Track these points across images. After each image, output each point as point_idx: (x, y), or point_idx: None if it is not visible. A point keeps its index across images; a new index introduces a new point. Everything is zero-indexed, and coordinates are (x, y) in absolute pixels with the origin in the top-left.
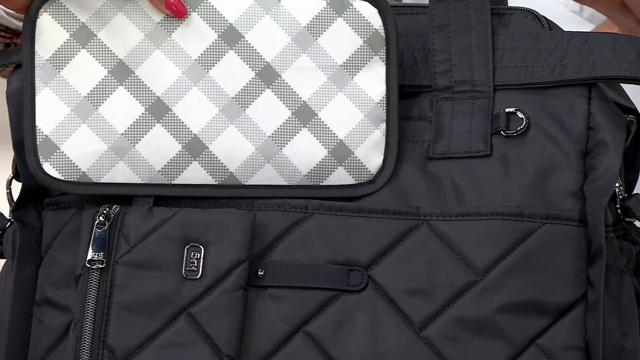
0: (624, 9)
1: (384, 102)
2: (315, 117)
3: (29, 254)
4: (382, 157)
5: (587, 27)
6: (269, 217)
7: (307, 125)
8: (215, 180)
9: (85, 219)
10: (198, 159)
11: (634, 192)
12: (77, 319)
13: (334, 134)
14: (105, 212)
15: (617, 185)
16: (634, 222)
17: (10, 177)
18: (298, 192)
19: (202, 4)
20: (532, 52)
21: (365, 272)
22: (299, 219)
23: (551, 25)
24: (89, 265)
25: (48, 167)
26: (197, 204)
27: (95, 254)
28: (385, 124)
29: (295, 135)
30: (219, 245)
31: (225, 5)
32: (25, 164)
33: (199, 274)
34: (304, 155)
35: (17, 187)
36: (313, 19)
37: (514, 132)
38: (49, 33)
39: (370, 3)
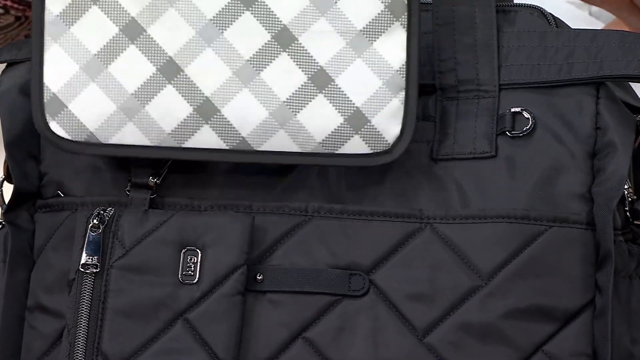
0: (634, 9)
1: (404, 70)
2: (332, 83)
3: (21, 257)
4: (400, 126)
5: (595, 26)
6: (268, 220)
7: (323, 91)
8: (227, 145)
9: (79, 222)
10: (209, 122)
11: None
12: (71, 324)
13: (351, 101)
14: (99, 214)
15: (626, 187)
16: None
17: (1, 179)
18: (311, 159)
19: None
20: (538, 50)
21: (367, 277)
22: (299, 222)
23: (558, 23)
24: (82, 270)
25: (55, 126)
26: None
27: (89, 258)
28: (404, 93)
29: (310, 101)
30: (217, 249)
31: None
32: (17, 165)
33: (196, 279)
34: (319, 122)
35: (8, 189)
36: None
37: (520, 133)
38: None
39: None
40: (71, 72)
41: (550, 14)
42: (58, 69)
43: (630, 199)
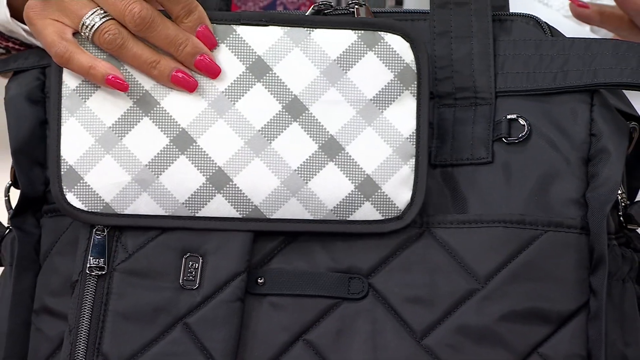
0: (634, 28)
1: (414, 137)
2: (343, 152)
3: (28, 261)
4: (411, 193)
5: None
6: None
7: (334, 160)
8: (240, 214)
9: (84, 226)
10: (222, 191)
11: (637, 199)
12: (72, 325)
13: (362, 168)
14: None
15: (619, 192)
16: (637, 230)
17: (8, 185)
18: (323, 226)
19: (231, 36)
20: (534, 58)
21: (366, 280)
22: None
23: (553, 32)
24: (88, 272)
25: (71, 198)
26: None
27: (94, 261)
28: (414, 160)
29: (321, 169)
30: (218, 256)
31: (254, 38)
32: (23, 171)
33: (197, 284)
34: (330, 189)
35: (15, 195)
36: (343, 52)
37: (516, 139)
38: None
39: (402, 37)
40: (87, 144)
41: (545, 23)
42: (74, 142)
43: (623, 204)
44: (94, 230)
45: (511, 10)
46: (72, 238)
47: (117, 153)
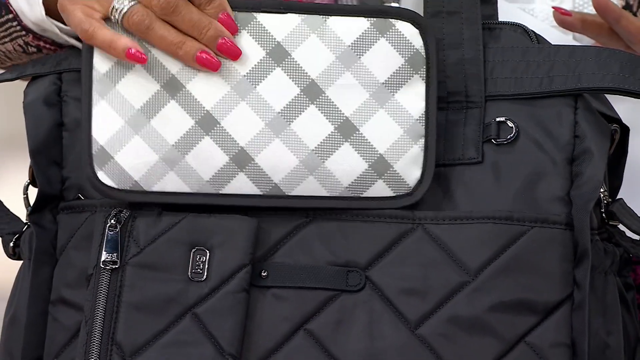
0: (613, 35)
1: (423, 118)
2: (357, 132)
3: (45, 255)
4: (420, 171)
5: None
6: (272, 222)
7: (349, 140)
8: (261, 191)
9: (98, 222)
10: (244, 170)
11: (618, 197)
12: (88, 316)
13: (375, 148)
14: (116, 215)
15: (601, 190)
16: (618, 226)
17: (26, 183)
18: (339, 202)
19: (252, 23)
20: (521, 64)
21: (363, 273)
22: (300, 222)
23: (539, 39)
24: (102, 266)
25: (102, 176)
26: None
27: (108, 255)
28: (423, 140)
29: (337, 149)
30: (224, 250)
31: (274, 24)
32: (41, 170)
33: (204, 276)
34: (346, 168)
35: (33, 193)
36: (357, 38)
37: (504, 141)
38: None
39: (412, 24)
40: (117, 126)
41: (532, 31)
42: (105, 123)
43: (605, 202)
44: (108, 226)
45: (500, 19)
46: (86, 233)
47: (145, 134)
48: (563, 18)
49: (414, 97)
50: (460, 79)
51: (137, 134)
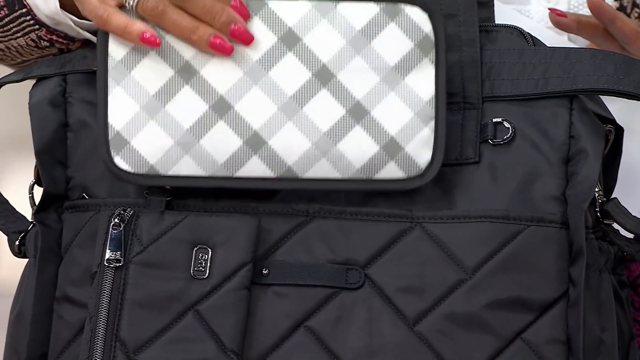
0: (608, 36)
1: (433, 101)
2: (368, 115)
3: (50, 254)
4: (431, 152)
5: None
6: (273, 221)
7: (361, 123)
8: (274, 174)
9: (102, 221)
10: (258, 153)
11: (612, 196)
12: (92, 313)
13: (386, 130)
14: (120, 214)
15: (596, 190)
16: (612, 224)
17: (32, 183)
18: (351, 184)
19: (264, 9)
20: (517, 66)
21: (363, 271)
22: (301, 222)
23: (535, 42)
24: (106, 264)
25: (119, 161)
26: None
27: (112, 254)
28: (433, 122)
29: (349, 131)
30: (226, 248)
31: (285, 10)
32: (46, 170)
33: (206, 274)
34: (357, 150)
35: (38, 192)
36: (367, 23)
37: (501, 141)
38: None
39: (420, 9)
40: (133, 111)
41: (528, 33)
42: (121, 109)
43: (600, 201)
44: (111, 225)
45: (496, 22)
46: (91, 232)
47: (160, 119)
48: (559, 19)
49: (423, 81)
50: (458, 80)
51: (152, 119)
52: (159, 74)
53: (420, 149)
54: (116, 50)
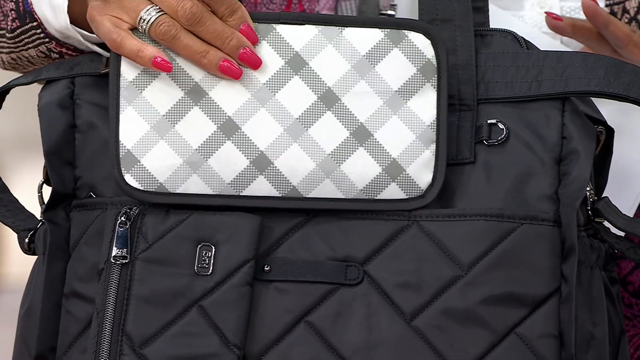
0: (601, 39)
1: (435, 125)
2: (371, 138)
3: (58, 251)
4: (432, 174)
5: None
6: (275, 219)
7: (364, 145)
8: (279, 193)
9: (109, 219)
10: (264, 173)
11: (603, 195)
12: (99, 309)
13: (388, 153)
14: (126, 213)
15: (587, 189)
16: (603, 222)
17: (41, 182)
18: (354, 204)
19: (271, 34)
20: (511, 69)
21: (361, 268)
22: (302, 220)
23: (528, 45)
24: (113, 261)
25: (129, 178)
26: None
27: (119, 251)
28: (435, 145)
29: (352, 153)
30: (229, 245)
31: (292, 35)
32: (55, 170)
33: (210, 271)
34: (360, 171)
35: (47, 191)
36: (372, 48)
37: (495, 142)
38: None
39: (423, 35)
40: (143, 130)
41: (522, 37)
42: (132, 128)
43: (591, 200)
44: (118, 223)
45: (491, 26)
46: (98, 230)
47: (170, 138)
48: (555, 23)
49: (425, 105)
50: (454, 83)
51: (162, 138)
52: (169, 95)
53: (422, 171)
54: (128, 71)
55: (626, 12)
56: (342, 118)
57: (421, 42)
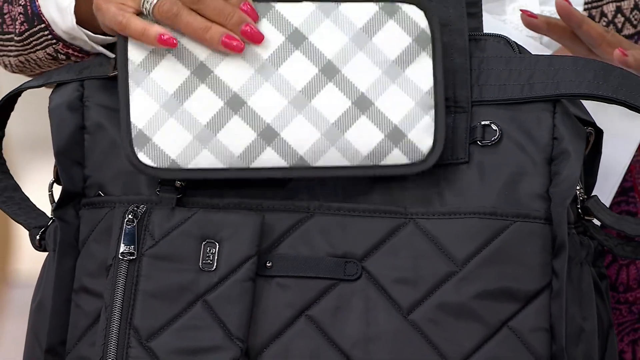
0: (575, 38)
1: (432, 91)
2: (372, 106)
3: (68, 248)
4: (432, 139)
5: (546, 53)
6: (276, 217)
7: (366, 113)
8: (287, 163)
9: (116, 217)
10: (271, 144)
11: (592, 194)
12: (107, 303)
13: (389, 119)
14: (133, 211)
15: (578, 188)
16: (592, 220)
17: (51, 181)
18: (359, 171)
19: (270, 11)
20: (504, 72)
21: (360, 264)
22: (302, 217)
23: (521, 49)
24: (121, 257)
25: (142, 157)
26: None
27: (126, 247)
28: (433, 110)
29: (355, 121)
30: (232, 242)
31: (291, 12)
32: (65, 170)
33: (214, 267)
34: (364, 139)
35: (57, 190)
36: (368, 21)
37: (489, 142)
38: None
39: (417, 6)
40: (153, 110)
41: (514, 42)
42: (142, 109)
43: (581, 198)
44: (125, 220)
45: (485, 31)
46: (106, 227)
47: (179, 116)
48: (530, 20)
49: (422, 72)
50: (449, 85)
51: (171, 116)
52: (176, 75)
53: (422, 136)
54: (135, 55)
55: (604, 15)
56: (344, 88)
57: (415, 13)
